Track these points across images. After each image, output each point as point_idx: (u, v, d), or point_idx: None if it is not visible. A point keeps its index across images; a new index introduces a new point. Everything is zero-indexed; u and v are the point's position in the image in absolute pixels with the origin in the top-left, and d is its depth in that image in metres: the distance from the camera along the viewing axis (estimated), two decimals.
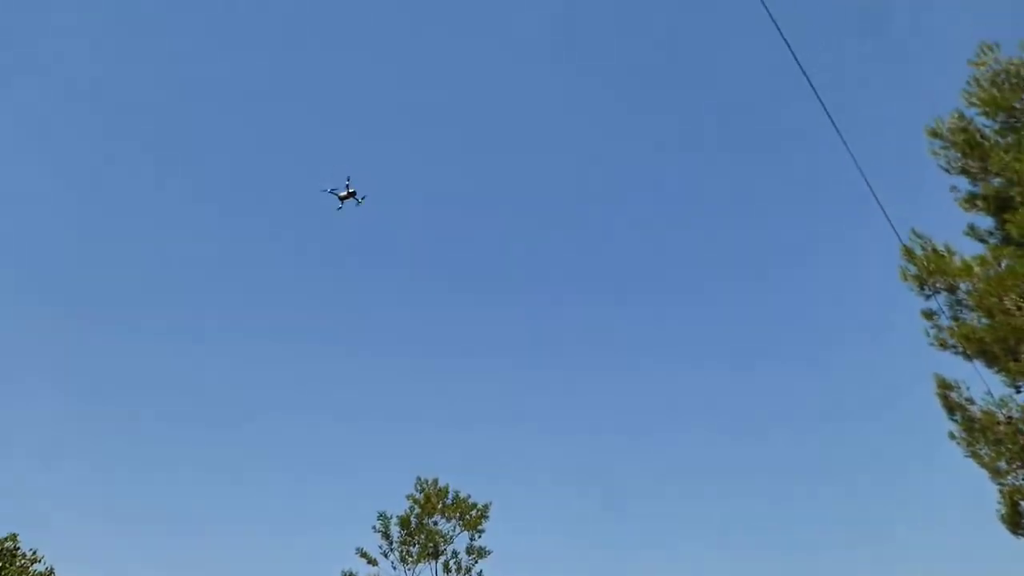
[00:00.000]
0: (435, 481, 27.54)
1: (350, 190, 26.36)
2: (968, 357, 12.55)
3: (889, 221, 11.94)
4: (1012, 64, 12.79)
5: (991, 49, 12.96)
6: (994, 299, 12.00)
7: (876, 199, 11.40)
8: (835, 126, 10.46)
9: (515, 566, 28.80)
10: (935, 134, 13.79)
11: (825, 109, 9.11)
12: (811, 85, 10.02)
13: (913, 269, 13.25)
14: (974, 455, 12.53)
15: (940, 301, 13.02)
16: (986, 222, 13.58)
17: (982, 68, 13.27)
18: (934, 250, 13.14)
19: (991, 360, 12.16)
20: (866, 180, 11.29)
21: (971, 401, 12.71)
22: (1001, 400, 12.33)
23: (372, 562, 25.69)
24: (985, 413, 12.41)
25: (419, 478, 27.60)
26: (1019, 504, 12.37)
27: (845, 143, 10.52)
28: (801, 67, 8.65)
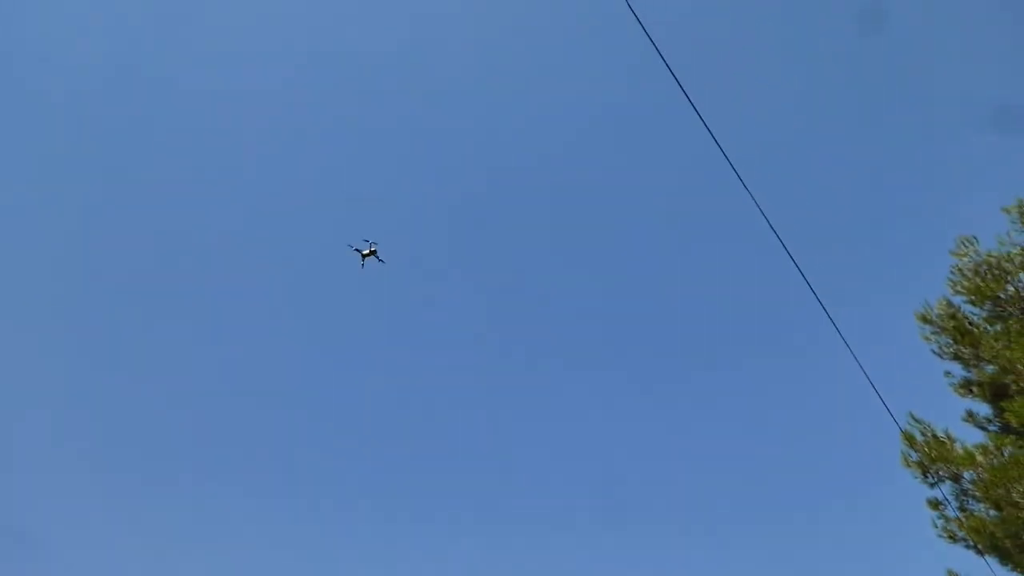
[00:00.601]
0: None
1: (372, 248, 26.31)
2: (980, 552, 11.99)
3: (885, 404, 11.87)
4: (992, 256, 13.30)
5: (970, 242, 13.54)
6: (1001, 490, 11.67)
7: (871, 382, 11.40)
8: (825, 310, 10.68)
9: None
10: (925, 319, 14.06)
11: (817, 299, 9.35)
12: (799, 269, 10.34)
13: (915, 455, 13.00)
14: None
15: (945, 490, 12.65)
16: (983, 408, 13.52)
17: (964, 259, 13.80)
18: (935, 436, 12.97)
19: (1004, 556, 11.61)
20: (858, 362, 11.35)
21: None
22: None
23: None
24: None
25: None
26: None
27: (836, 326, 10.69)
28: (790, 255, 8.98)
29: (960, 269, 13.79)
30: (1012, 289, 13.11)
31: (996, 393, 12.98)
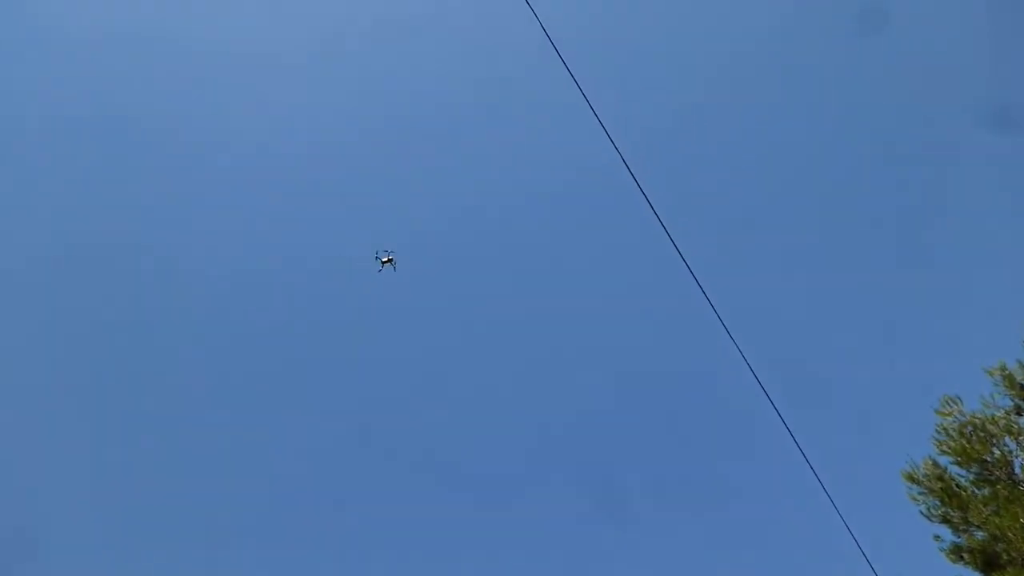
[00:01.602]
0: None
1: (390, 257, 29.68)
2: None
3: (872, 568, 11.40)
4: (976, 418, 13.26)
5: (954, 402, 13.52)
6: None
7: (859, 546, 11.01)
8: (813, 469, 10.47)
9: None
10: (912, 479, 13.80)
11: (806, 459, 9.17)
12: (786, 426, 10.21)
13: None
14: None
15: None
16: None
17: (948, 418, 13.73)
18: None
19: None
20: (847, 525, 11.00)
21: None
22: None
23: None
24: None
25: None
26: None
27: (824, 489, 10.44)
28: (779, 414, 8.89)
29: (945, 428, 13.70)
30: (998, 452, 12.98)
31: (987, 562, 12.54)
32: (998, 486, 12.67)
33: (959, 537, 13.14)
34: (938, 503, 13.35)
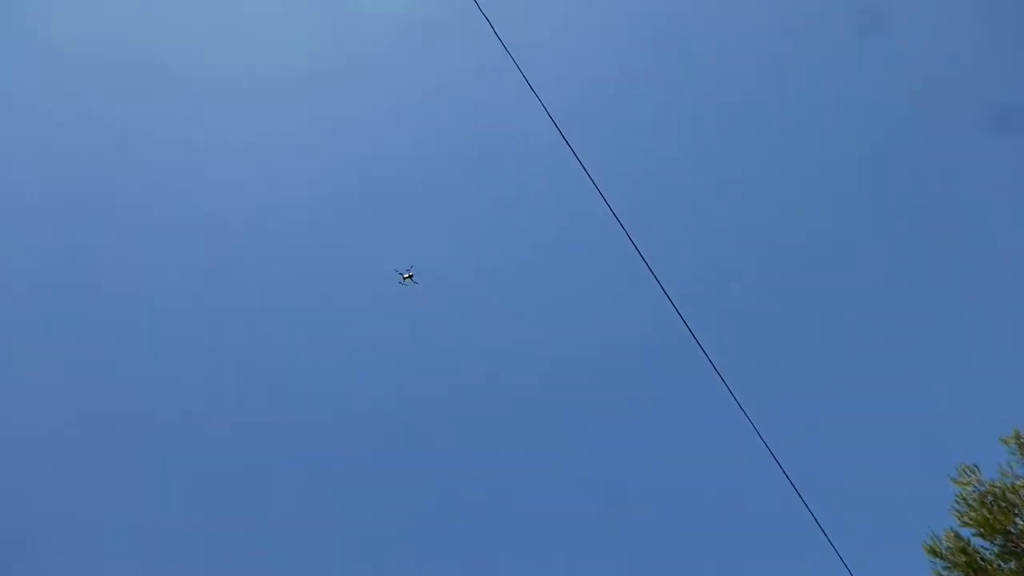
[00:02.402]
0: None
1: (411, 273, 32.16)
2: None
3: None
4: (996, 487, 13.02)
5: (972, 471, 13.31)
6: None
7: None
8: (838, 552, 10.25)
9: None
10: (935, 552, 13.45)
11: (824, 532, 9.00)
12: (804, 502, 10.06)
13: None
14: None
15: None
16: None
17: (967, 488, 13.47)
18: None
19: None
20: None
21: None
22: None
23: None
24: None
25: None
26: None
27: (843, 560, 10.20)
28: (795, 487, 8.77)
29: (965, 499, 13.43)
30: (1021, 523, 12.69)
31: None
32: None
33: None
34: None
